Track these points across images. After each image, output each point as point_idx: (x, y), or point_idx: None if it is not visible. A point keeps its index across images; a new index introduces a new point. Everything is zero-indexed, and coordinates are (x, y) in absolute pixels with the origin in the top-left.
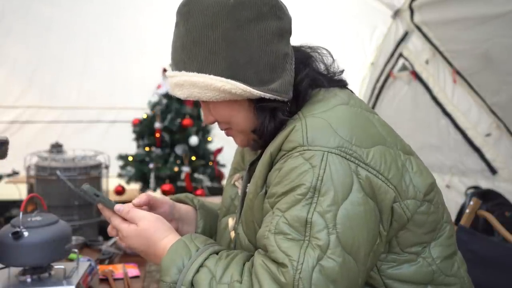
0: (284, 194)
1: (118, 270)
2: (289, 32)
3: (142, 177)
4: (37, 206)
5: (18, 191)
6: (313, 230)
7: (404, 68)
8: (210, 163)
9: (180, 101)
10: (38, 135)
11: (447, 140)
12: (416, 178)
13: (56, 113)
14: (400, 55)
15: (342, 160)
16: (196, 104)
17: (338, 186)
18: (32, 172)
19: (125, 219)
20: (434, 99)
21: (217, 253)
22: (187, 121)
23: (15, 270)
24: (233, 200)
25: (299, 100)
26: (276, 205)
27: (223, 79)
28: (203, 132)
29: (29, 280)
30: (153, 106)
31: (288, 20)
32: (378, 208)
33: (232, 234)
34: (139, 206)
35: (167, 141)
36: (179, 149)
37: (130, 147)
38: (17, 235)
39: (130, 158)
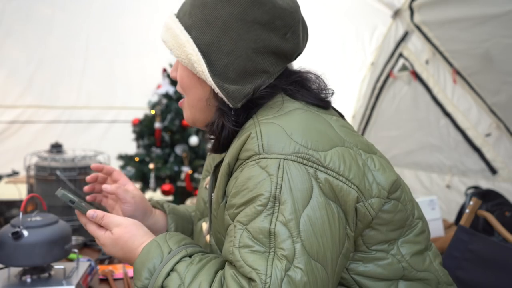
0: (244, 205)
1: (118, 270)
2: (288, 57)
3: (142, 177)
4: (37, 206)
5: (18, 191)
6: (278, 241)
7: (404, 68)
8: None
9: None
10: (38, 135)
11: (447, 140)
12: (379, 176)
13: (56, 113)
14: (400, 55)
15: (299, 166)
16: None
17: (297, 193)
18: (32, 172)
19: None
20: (434, 99)
21: (190, 256)
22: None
23: (15, 270)
24: (206, 203)
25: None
26: (237, 218)
27: (196, 49)
28: (203, 132)
29: (29, 280)
30: (153, 106)
31: (295, 46)
32: (342, 209)
33: (207, 238)
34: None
35: (167, 141)
36: (179, 149)
37: (130, 147)
38: (17, 235)
39: (137, 159)
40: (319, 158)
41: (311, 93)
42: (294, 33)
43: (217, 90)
